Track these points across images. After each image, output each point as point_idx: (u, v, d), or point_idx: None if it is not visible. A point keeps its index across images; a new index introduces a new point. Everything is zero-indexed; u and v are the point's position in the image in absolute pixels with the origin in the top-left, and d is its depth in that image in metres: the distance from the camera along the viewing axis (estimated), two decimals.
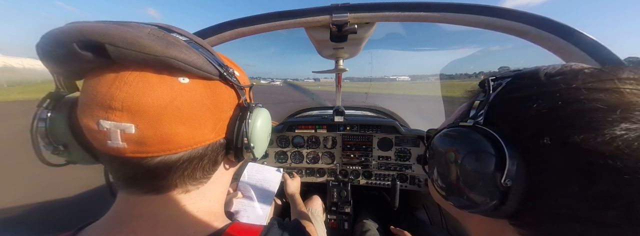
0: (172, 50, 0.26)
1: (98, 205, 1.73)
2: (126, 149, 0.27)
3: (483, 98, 0.29)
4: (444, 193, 0.31)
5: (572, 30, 0.51)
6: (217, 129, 0.33)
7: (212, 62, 0.31)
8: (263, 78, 78.95)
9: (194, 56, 0.29)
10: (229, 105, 0.35)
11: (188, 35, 0.33)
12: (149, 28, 0.28)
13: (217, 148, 0.35)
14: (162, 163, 0.29)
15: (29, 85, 22.94)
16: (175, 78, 0.28)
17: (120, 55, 0.25)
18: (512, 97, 0.26)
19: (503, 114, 0.26)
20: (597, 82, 0.21)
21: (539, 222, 0.22)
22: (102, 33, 0.24)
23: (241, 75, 0.41)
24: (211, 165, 0.35)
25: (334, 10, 0.62)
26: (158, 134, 0.27)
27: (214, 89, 0.32)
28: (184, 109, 0.28)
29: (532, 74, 0.26)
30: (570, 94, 0.21)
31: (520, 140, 0.23)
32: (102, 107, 0.26)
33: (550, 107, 0.21)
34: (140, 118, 0.26)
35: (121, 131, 0.26)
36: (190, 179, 0.34)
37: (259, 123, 0.38)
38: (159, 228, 0.31)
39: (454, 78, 3.73)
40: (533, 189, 0.22)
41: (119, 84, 0.26)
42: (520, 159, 0.22)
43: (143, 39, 0.25)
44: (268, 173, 1.14)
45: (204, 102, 0.30)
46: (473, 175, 0.25)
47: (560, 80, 0.23)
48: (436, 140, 0.33)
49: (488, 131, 0.25)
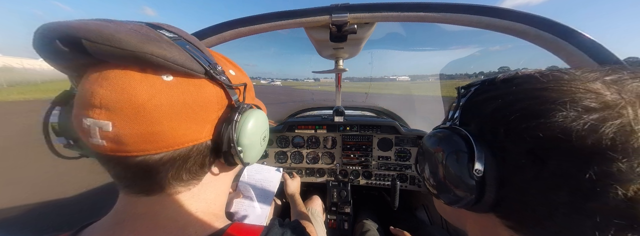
0: (149, 46, 0.25)
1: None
2: (106, 147, 0.26)
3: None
4: (435, 192, 0.33)
5: (572, 30, 0.50)
6: (202, 130, 0.31)
7: (198, 59, 0.30)
8: (263, 78, 78.89)
9: (175, 52, 0.27)
10: (216, 105, 0.33)
11: (178, 33, 0.31)
12: (134, 25, 0.27)
13: (203, 150, 0.33)
14: (143, 163, 0.28)
15: (29, 85, 22.93)
16: (158, 76, 0.27)
17: (97, 51, 0.24)
18: (477, 100, 0.30)
19: (471, 115, 0.30)
20: (540, 83, 0.24)
21: (515, 211, 0.25)
22: (79, 28, 0.23)
23: (238, 74, 0.39)
24: (198, 167, 0.34)
25: (333, 10, 0.62)
26: (135, 133, 0.26)
27: (199, 88, 0.30)
28: (163, 108, 0.27)
29: (492, 80, 0.30)
30: (519, 93, 0.25)
31: (485, 135, 0.26)
32: (84, 104, 0.26)
33: (503, 105, 0.25)
34: (117, 115, 0.25)
35: (99, 129, 0.25)
36: (176, 181, 0.32)
37: (250, 125, 0.35)
38: (159, 228, 0.31)
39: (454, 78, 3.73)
40: (502, 179, 0.24)
41: (101, 81, 0.26)
42: (487, 152, 0.25)
43: (119, 34, 0.24)
44: (268, 173, 1.14)
45: (186, 101, 0.29)
46: (453, 170, 0.28)
47: (513, 83, 0.26)
48: (422, 141, 0.37)
49: (461, 130, 0.28)
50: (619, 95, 0.20)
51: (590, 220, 0.20)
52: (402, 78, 29.71)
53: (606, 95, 0.20)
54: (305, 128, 1.57)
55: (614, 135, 0.18)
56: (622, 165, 0.18)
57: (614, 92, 0.20)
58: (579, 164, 0.19)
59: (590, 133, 0.19)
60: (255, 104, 0.41)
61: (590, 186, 0.19)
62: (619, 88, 0.21)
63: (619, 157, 0.18)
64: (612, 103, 0.20)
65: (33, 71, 36.38)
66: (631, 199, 0.18)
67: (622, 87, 0.21)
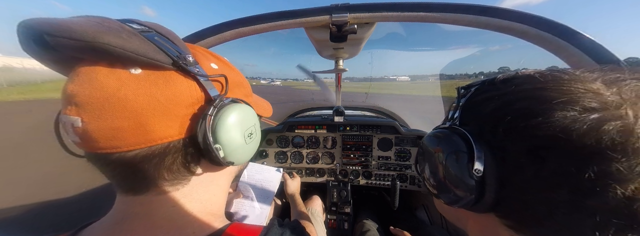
0: (107, 36, 0.24)
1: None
2: (81, 144, 0.26)
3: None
4: (435, 192, 0.33)
5: (571, 30, 0.50)
6: (175, 126, 0.29)
7: (164, 50, 0.28)
8: (263, 78, 78.84)
9: (137, 42, 0.26)
10: (190, 99, 0.30)
11: (151, 26, 0.30)
12: (102, 19, 0.26)
13: (180, 148, 0.31)
14: (119, 161, 0.27)
15: (29, 85, 22.95)
16: (126, 69, 0.27)
17: (58, 44, 0.23)
18: (477, 100, 0.30)
19: (471, 115, 0.30)
20: (539, 83, 0.24)
21: (515, 210, 0.25)
22: (41, 23, 0.23)
23: (221, 68, 0.36)
24: (180, 166, 0.32)
25: (333, 10, 0.62)
26: (101, 128, 0.25)
27: (168, 80, 0.28)
28: (128, 102, 0.25)
29: (492, 80, 0.30)
30: (519, 93, 0.25)
31: (484, 135, 0.26)
32: (62, 102, 0.26)
33: (503, 104, 0.25)
34: (84, 111, 0.25)
35: (71, 125, 0.25)
36: (160, 180, 0.31)
37: (229, 121, 0.32)
38: (156, 228, 0.31)
39: (454, 78, 3.73)
40: (502, 178, 0.24)
41: (73, 77, 0.26)
42: (487, 152, 0.25)
43: (75, 25, 0.23)
44: (268, 173, 1.14)
45: (154, 95, 0.27)
46: (453, 170, 0.28)
47: (513, 83, 0.26)
48: (422, 141, 0.37)
49: (460, 130, 0.28)
50: (619, 96, 0.20)
51: (591, 219, 0.20)
52: (402, 79, 29.70)
53: (606, 95, 0.20)
54: (305, 128, 1.57)
55: (613, 135, 0.18)
56: (621, 165, 0.18)
57: (614, 92, 0.20)
58: (579, 163, 0.19)
59: (590, 133, 0.19)
60: (245, 100, 0.38)
61: (590, 186, 0.19)
62: (619, 89, 0.21)
63: (618, 156, 0.18)
64: (612, 103, 0.20)
65: (33, 71, 36.37)
66: (630, 198, 0.18)
67: (622, 87, 0.21)
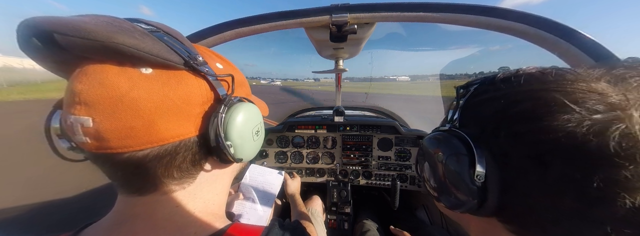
0: (120, 36, 0.24)
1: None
2: (89, 144, 0.26)
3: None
4: (436, 194, 0.32)
5: (571, 30, 0.51)
6: (187, 125, 0.30)
7: (176, 50, 0.28)
8: (263, 78, 78.93)
9: (149, 42, 0.26)
10: (201, 98, 0.31)
11: (157, 26, 0.30)
12: (110, 18, 0.26)
13: (191, 146, 0.31)
14: (129, 160, 0.28)
15: (29, 85, 22.95)
16: (137, 69, 0.27)
17: (69, 44, 0.23)
18: (476, 101, 0.29)
19: (471, 116, 0.29)
20: (542, 83, 0.23)
21: (519, 215, 0.24)
22: (50, 22, 0.23)
23: (226, 68, 0.38)
24: (189, 164, 0.32)
25: (333, 10, 0.62)
26: (114, 128, 0.25)
27: (180, 80, 0.29)
28: (141, 101, 0.26)
29: (492, 79, 0.28)
30: (520, 94, 0.23)
31: (485, 138, 0.25)
32: (67, 102, 0.26)
33: (504, 106, 0.24)
34: (96, 110, 0.25)
35: (81, 125, 0.25)
36: (168, 179, 0.31)
37: (239, 119, 0.33)
38: (158, 228, 0.31)
39: (454, 78, 3.74)
40: (505, 183, 0.23)
41: (80, 77, 0.26)
42: (488, 156, 0.24)
43: (88, 25, 0.23)
44: (270, 175, 1.14)
45: (167, 94, 0.27)
46: (453, 175, 0.27)
47: (513, 83, 0.25)
48: (422, 144, 0.35)
49: (460, 133, 0.27)
50: (624, 96, 0.19)
51: (599, 228, 0.19)
52: (402, 79, 29.71)
53: (611, 96, 0.19)
54: (305, 128, 1.57)
55: (619, 140, 0.17)
56: (629, 172, 0.17)
57: (619, 93, 0.19)
58: (584, 170, 0.18)
59: (595, 138, 0.18)
60: (248, 99, 0.39)
61: (597, 194, 0.18)
62: (624, 88, 0.20)
63: (625, 163, 0.17)
64: (617, 105, 0.19)
65: (33, 71, 36.39)
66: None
67: (627, 86, 0.20)
